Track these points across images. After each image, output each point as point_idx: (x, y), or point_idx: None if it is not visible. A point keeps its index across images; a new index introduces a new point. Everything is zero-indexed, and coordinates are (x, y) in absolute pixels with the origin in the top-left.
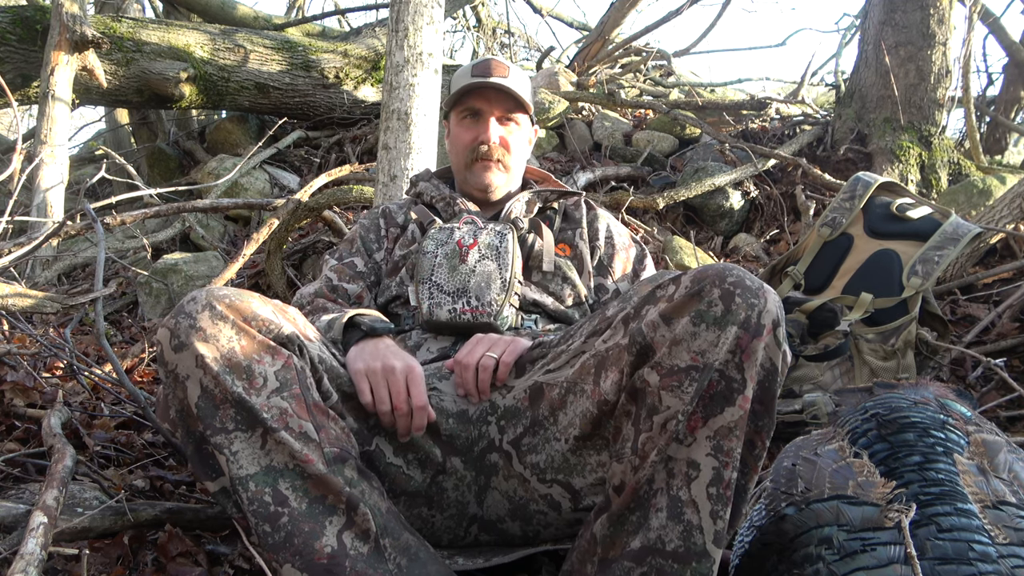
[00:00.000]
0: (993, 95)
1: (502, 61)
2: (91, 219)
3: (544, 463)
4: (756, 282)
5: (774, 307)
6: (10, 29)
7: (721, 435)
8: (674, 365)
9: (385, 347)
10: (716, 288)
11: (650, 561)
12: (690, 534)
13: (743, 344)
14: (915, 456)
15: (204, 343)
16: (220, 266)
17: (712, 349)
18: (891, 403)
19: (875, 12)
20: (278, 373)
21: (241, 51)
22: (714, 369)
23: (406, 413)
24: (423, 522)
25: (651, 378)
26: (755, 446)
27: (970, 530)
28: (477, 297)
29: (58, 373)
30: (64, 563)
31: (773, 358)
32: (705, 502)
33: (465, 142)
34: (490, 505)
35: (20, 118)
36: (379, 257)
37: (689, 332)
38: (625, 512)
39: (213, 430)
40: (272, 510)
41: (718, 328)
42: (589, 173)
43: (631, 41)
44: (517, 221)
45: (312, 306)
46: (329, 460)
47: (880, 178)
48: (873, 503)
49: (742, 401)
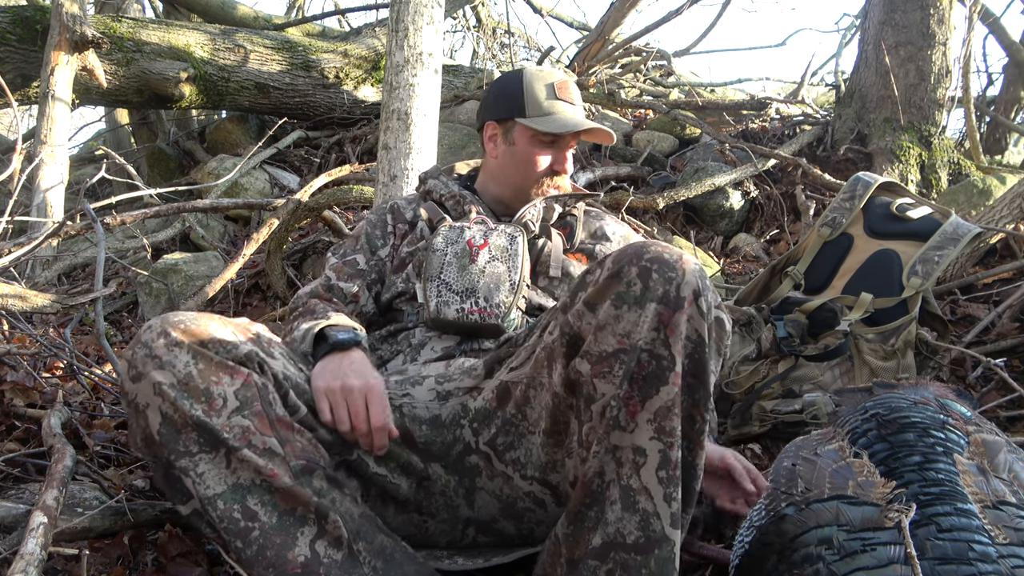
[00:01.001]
0: (993, 95)
1: (573, 85)
2: (91, 219)
3: (524, 458)
4: (674, 254)
5: (693, 277)
6: (10, 29)
7: (661, 416)
8: (602, 351)
9: (349, 363)
10: (634, 267)
11: (613, 557)
12: (648, 522)
13: (665, 319)
14: (915, 456)
15: (160, 370)
16: (220, 266)
17: (636, 329)
18: (891, 403)
19: (875, 12)
20: (238, 392)
21: (241, 51)
22: (641, 349)
23: (365, 433)
24: (416, 527)
25: (583, 368)
26: (695, 421)
27: (970, 530)
28: (486, 298)
29: (58, 373)
30: (64, 563)
31: (699, 329)
32: (657, 487)
33: (541, 167)
34: (481, 506)
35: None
36: (383, 254)
37: (612, 315)
38: (582, 508)
39: (177, 454)
40: (243, 525)
41: (638, 307)
42: (589, 173)
43: (631, 41)
44: (528, 224)
45: (304, 308)
46: (296, 472)
47: (880, 178)
48: (873, 503)
49: (674, 378)
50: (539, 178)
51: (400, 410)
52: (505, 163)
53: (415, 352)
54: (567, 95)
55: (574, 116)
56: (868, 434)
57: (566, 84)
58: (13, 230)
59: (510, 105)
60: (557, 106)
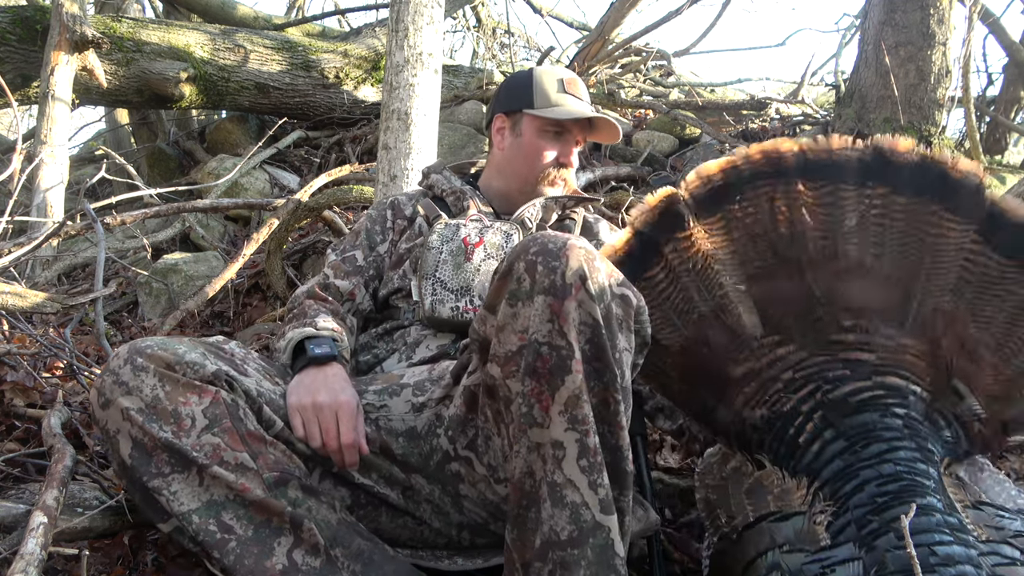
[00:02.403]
0: (993, 95)
1: (577, 79)
2: (91, 219)
3: (495, 462)
4: (559, 242)
5: (577, 262)
6: (10, 29)
7: (571, 405)
8: (508, 351)
9: (323, 379)
10: (521, 261)
11: (551, 556)
12: (577, 514)
13: (556, 309)
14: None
15: (128, 396)
16: (220, 266)
17: (531, 324)
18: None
19: (875, 12)
20: (206, 410)
21: (241, 51)
22: (539, 343)
23: (336, 450)
24: (412, 531)
25: (494, 371)
26: (609, 403)
27: (930, 530)
28: (481, 296)
29: (58, 373)
30: (64, 563)
31: (591, 312)
32: (580, 476)
33: (547, 158)
34: (470, 510)
35: (20, 118)
36: (382, 250)
37: (509, 315)
38: (521, 511)
39: (150, 475)
40: (219, 538)
41: (530, 302)
42: (589, 173)
43: (631, 41)
44: (525, 222)
45: (298, 309)
46: (269, 485)
47: None
48: (798, 511)
49: (575, 365)
50: (544, 170)
51: (376, 423)
52: (512, 155)
53: (410, 350)
54: (575, 90)
55: (581, 107)
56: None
57: (575, 81)
58: (13, 230)
59: (519, 97)
60: (565, 99)
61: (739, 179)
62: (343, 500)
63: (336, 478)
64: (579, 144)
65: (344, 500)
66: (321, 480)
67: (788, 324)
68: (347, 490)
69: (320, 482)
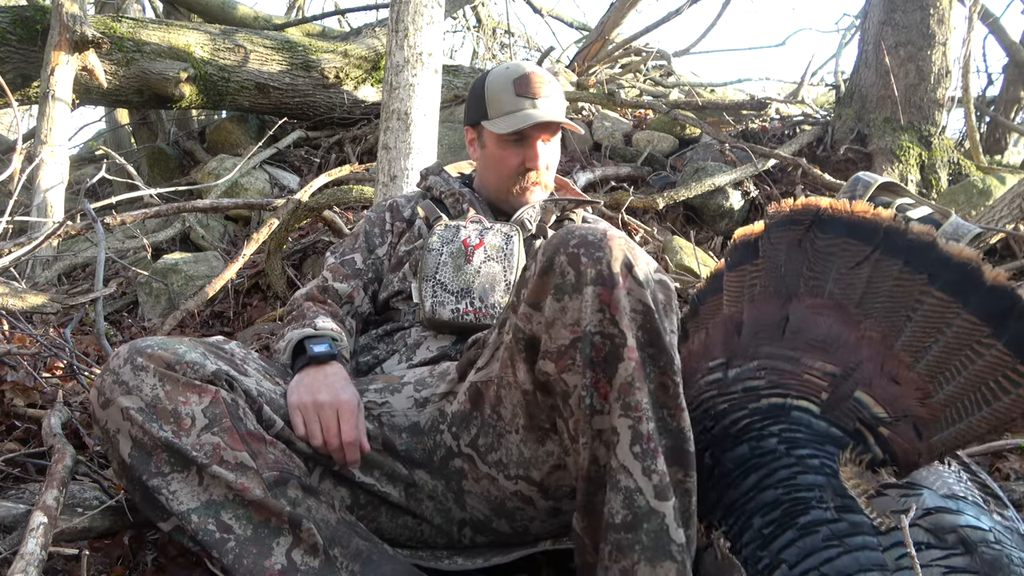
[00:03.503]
0: (993, 95)
1: (540, 74)
2: (91, 219)
3: (505, 459)
4: (597, 233)
5: (620, 251)
6: (10, 29)
7: (624, 392)
8: (560, 346)
9: (323, 378)
10: (562, 255)
11: (610, 538)
12: (631, 499)
13: (605, 299)
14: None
15: (127, 395)
16: (220, 266)
17: (583, 316)
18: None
19: (875, 12)
20: (206, 410)
21: (241, 51)
22: (592, 333)
23: (337, 448)
24: (412, 530)
25: (548, 367)
26: (667, 387)
27: (816, 550)
28: (481, 298)
29: (58, 373)
30: (64, 563)
31: (641, 299)
32: (634, 462)
33: (512, 165)
34: (472, 507)
35: (20, 118)
36: (381, 252)
37: (557, 309)
38: (588, 498)
39: (149, 475)
40: (218, 537)
41: (578, 294)
42: (589, 173)
43: (631, 41)
44: (524, 224)
45: (297, 311)
46: (269, 484)
47: (880, 178)
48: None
49: (629, 352)
50: (512, 176)
51: (379, 420)
52: (483, 166)
53: (411, 352)
54: (531, 89)
55: (534, 111)
56: (704, 459)
57: (530, 78)
58: (13, 230)
59: (477, 109)
60: (519, 103)
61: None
62: (343, 500)
63: (336, 477)
64: (546, 141)
65: (344, 500)
66: (321, 480)
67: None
68: (347, 490)
69: (320, 482)
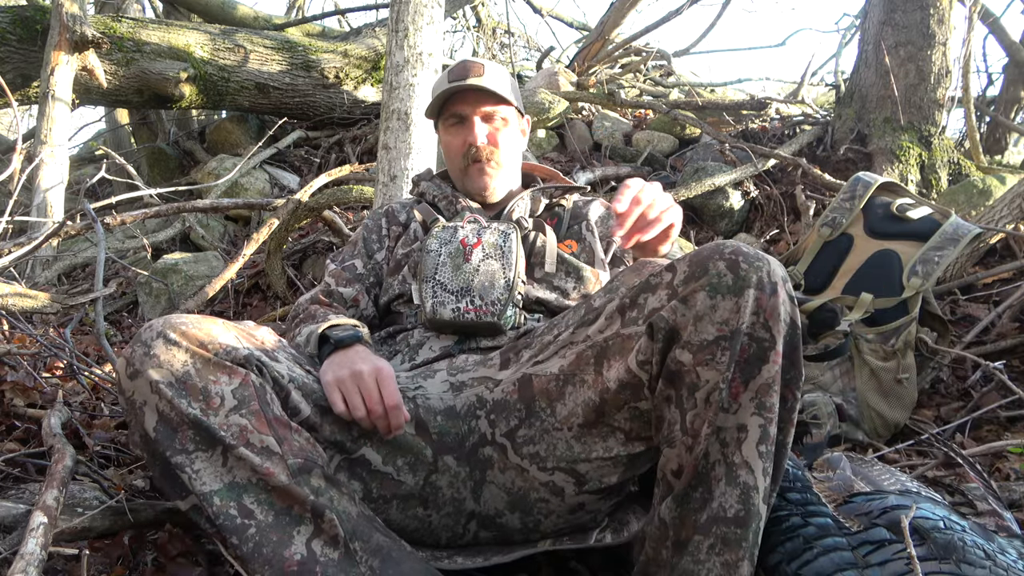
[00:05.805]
0: (993, 95)
1: (476, 60)
2: (91, 219)
3: (545, 452)
4: (752, 249)
5: (779, 267)
6: (10, 29)
7: (762, 393)
8: (703, 340)
9: (355, 354)
10: (720, 261)
11: (715, 531)
12: (747, 496)
13: (763, 304)
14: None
15: (158, 369)
16: (220, 266)
17: (734, 316)
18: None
19: (875, 12)
20: (235, 391)
21: (241, 51)
22: (743, 333)
23: (381, 414)
24: (420, 522)
25: (684, 358)
26: (787, 400)
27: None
28: (481, 296)
29: (58, 373)
30: (64, 563)
31: (791, 314)
32: (757, 460)
33: (457, 147)
34: (487, 499)
35: (20, 118)
36: (380, 257)
37: (708, 306)
38: (688, 491)
39: (173, 451)
40: (239, 522)
41: (734, 295)
42: (589, 173)
43: (631, 41)
44: (521, 220)
45: (306, 313)
46: (294, 471)
47: (880, 178)
48: None
49: (775, 357)
50: (461, 158)
51: (414, 401)
52: (446, 160)
53: (413, 352)
54: (462, 73)
55: (457, 83)
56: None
57: (464, 64)
58: (13, 230)
59: (430, 110)
60: (450, 87)
61: None
62: (355, 493)
63: (350, 470)
64: (486, 119)
65: (356, 493)
66: (336, 471)
67: None
68: (359, 483)
69: (335, 473)
